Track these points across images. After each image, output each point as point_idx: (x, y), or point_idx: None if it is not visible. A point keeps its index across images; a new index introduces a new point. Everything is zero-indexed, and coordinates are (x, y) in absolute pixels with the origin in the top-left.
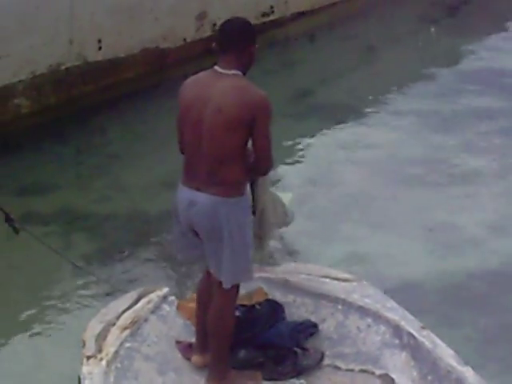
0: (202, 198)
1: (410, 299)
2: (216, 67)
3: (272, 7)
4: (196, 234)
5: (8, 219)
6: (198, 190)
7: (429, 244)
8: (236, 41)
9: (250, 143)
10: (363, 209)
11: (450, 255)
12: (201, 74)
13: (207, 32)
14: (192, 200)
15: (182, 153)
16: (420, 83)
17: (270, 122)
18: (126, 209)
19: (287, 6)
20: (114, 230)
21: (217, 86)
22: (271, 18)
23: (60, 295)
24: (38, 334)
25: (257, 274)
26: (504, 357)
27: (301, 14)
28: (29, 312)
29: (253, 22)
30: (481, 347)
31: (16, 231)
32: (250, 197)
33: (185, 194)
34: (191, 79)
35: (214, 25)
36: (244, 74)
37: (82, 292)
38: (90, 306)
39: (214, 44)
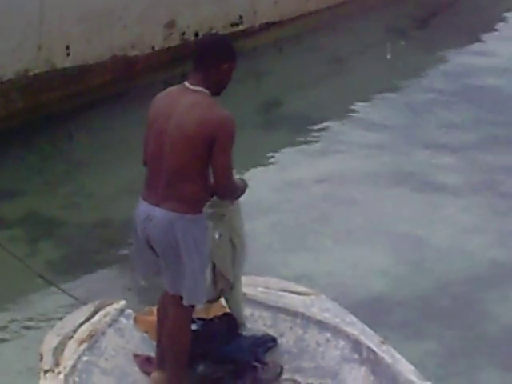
0: (159, 213)
1: (374, 312)
2: (185, 82)
3: (241, 17)
4: (153, 249)
5: None
6: (156, 205)
7: (393, 256)
8: (205, 57)
9: None
10: (327, 220)
11: (415, 268)
12: (171, 89)
13: (176, 41)
14: (149, 214)
15: (145, 165)
16: (388, 95)
17: (231, 143)
18: (91, 216)
19: (256, 17)
20: (79, 236)
21: (181, 101)
22: (240, 28)
23: (20, 304)
24: None
25: None
26: (465, 371)
27: (269, 25)
28: None
29: (221, 31)
30: (444, 361)
31: None
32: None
33: (143, 208)
34: (161, 93)
35: (183, 33)
36: (215, 91)
37: (43, 302)
38: (50, 317)
39: None
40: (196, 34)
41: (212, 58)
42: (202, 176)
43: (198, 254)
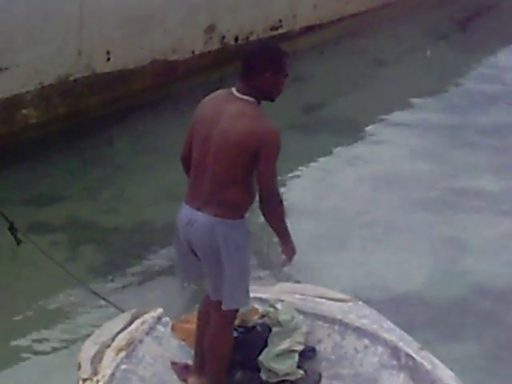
0: (201, 218)
1: (414, 313)
2: (233, 89)
3: (281, 21)
4: (195, 253)
5: (11, 228)
6: (198, 209)
7: (433, 259)
8: (249, 66)
9: None
10: (368, 225)
11: (454, 271)
12: (218, 94)
13: (216, 45)
14: (191, 219)
15: (182, 161)
16: (428, 99)
17: (275, 155)
18: (132, 220)
19: (296, 20)
20: (120, 241)
21: (228, 108)
22: (280, 31)
23: (59, 310)
24: (34, 351)
25: (251, 294)
26: (507, 374)
27: (309, 28)
28: (28, 326)
29: (261, 35)
30: (483, 363)
31: (17, 241)
32: None
33: (185, 212)
34: (208, 97)
35: (223, 38)
36: (261, 100)
37: (82, 309)
38: (89, 323)
39: None
40: (236, 39)
41: (255, 67)
42: (245, 183)
43: (238, 258)
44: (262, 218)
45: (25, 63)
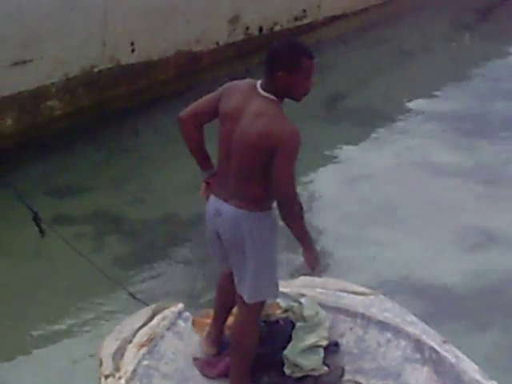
0: (227, 209)
1: (439, 302)
2: (258, 82)
3: (305, 11)
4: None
5: (36, 218)
6: (225, 201)
7: (460, 247)
8: (269, 63)
9: None
10: (394, 212)
11: (481, 258)
12: (245, 85)
13: (240, 36)
14: (218, 209)
15: (181, 122)
16: (453, 88)
17: (293, 156)
18: (156, 211)
19: (320, 11)
20: (145, 232)
21: (250, 105)
22: (304, 21)
23: (84, 301)
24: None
25: None
26: None
27: (333, 18)
28: (52, 317)
29: (285, 25)
30: (508, 354)
31: (41, 232)
32: None
33: (213, 203)
34: (234, 85)
35: (247, 28)
36: (282, 98)
37: (106, 300)
38: (112, 315)
39: None
40: (260, 29)
41: (271, 64)
42: (267, 179)
43: (264, 250)
44: None
45: (50, 55)
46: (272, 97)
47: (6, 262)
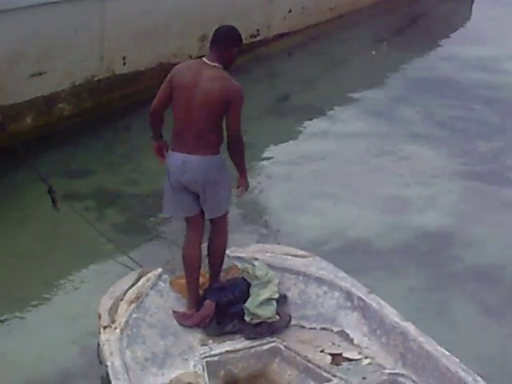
0: (195, 159)
1: (364, 258)
2: (204, 59)
3: (258, 30)
4: (186, 192)
5: (50, 191)
6: (188, 153)
7: (381, 212)
8: (221, 42)
9: None
10: (329, 186)
11: (398, 220)
12: (191, 62)
13: (207, 50)
14: (185, 160)
15: (154, 121)
16: (374, 88)
17: (241, 108)
18: (146, 188)
19: (270, 29)
20: (137, 205)
21: (204, 73)
22: (258, 38)
23: (87, 261)
24: (69, 289)
25: (231, 254)
26: (437, 301)
27: (281, 35)
28: (63, 273)
29: (244, 41)
30: (419, 295)
31: (54, 203)
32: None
33: (177, 157)
34: (183, 65)
35: None
36: (226, 67)
37: (105, 260)
38: (109, 273)
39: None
40: None
41: (226, 43)
42: (221, 128)
43: (226, 178)
44: None
45: (60, 68)
46: (220, 66)
47: (25, 226)
